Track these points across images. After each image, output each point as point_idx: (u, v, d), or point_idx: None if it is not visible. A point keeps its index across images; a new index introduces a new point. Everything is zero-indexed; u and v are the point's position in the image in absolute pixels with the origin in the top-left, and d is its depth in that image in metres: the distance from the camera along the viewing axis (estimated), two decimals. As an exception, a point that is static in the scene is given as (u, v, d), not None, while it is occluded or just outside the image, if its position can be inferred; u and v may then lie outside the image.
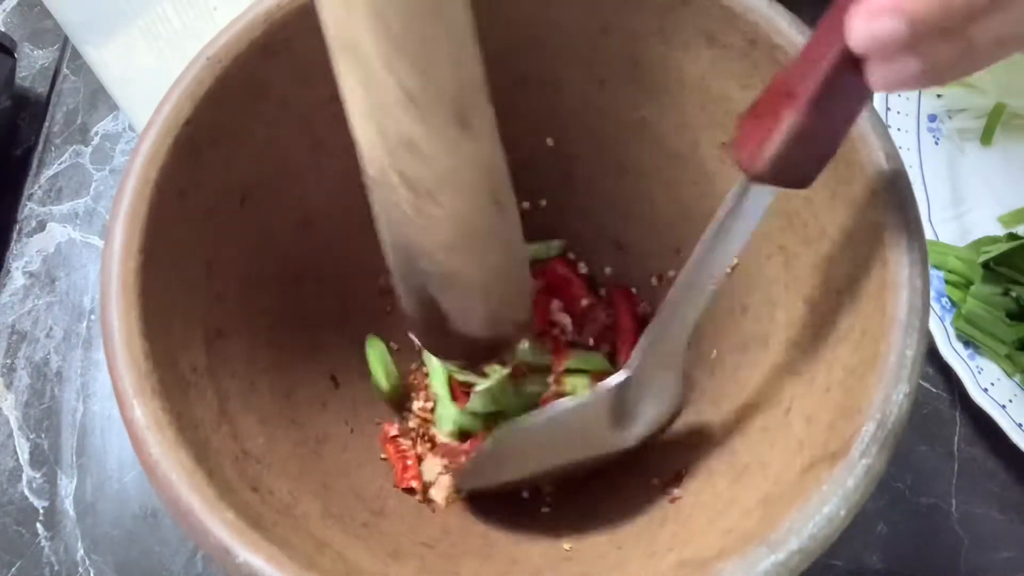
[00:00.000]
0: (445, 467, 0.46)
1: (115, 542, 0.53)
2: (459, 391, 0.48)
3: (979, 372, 0.51)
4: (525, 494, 0.46)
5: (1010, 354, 0.52)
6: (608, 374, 0.40)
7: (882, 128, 0.34)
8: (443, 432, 0.48)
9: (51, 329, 0.60)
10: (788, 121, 0.29)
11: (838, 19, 0.27)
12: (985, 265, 0.53)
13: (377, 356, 0.48)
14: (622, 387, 0.37)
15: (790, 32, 0.36)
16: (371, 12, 0.30)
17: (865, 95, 0.29)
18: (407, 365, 0.50)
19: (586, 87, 0.44)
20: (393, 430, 0.47)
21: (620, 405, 0.38)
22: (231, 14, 0.38)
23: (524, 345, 0.45)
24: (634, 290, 0.51)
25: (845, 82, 0.28)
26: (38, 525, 0.54)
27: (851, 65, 0.27)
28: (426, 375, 0.50)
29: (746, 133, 0.31)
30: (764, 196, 0.32)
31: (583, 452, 0.40)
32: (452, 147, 0.33)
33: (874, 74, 0.27)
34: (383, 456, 0.46)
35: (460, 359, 0.43)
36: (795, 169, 0.31)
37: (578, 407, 0.38)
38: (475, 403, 0.47)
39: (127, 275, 0.33)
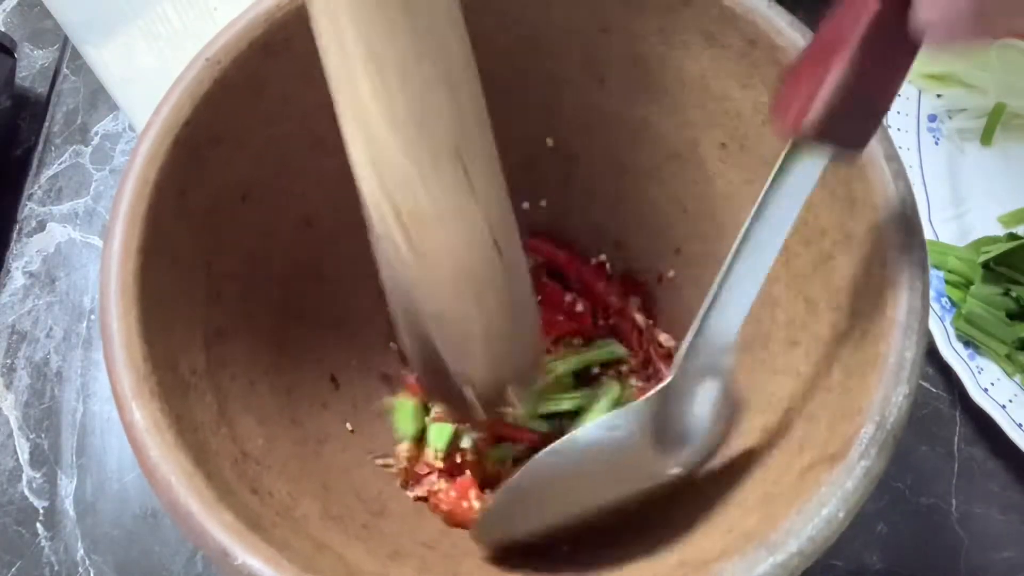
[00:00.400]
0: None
1: (115, 542, 0.53)
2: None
3: (979, 372, 0.51)
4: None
5: (1010, 354, 0.52)
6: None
7: (882, 128, 0.34)
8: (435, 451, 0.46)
9: (51, 329, 0.60)
10: (837, 69, 0.27)
11: None
12: (985, 265, 0.53)
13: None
14: (662, 396, 0.33)
15: (790, 33, 0.36)
16: (367, 58, 0.30)
17: (913, 45, 0.28)
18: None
19: (586, 87, 0.44)
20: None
21: (663, 420, 0.34)
22: (231, 14, 0.38)
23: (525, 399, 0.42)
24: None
25: (893, 28, 0.27)
26: (38, 525, 0.54)
27: (899, 8, 0.26)
28: None
29: (789, 92, 0.29)
30: (815, 162, 0.30)
31: (624, 485, 0.35)
32: (450, 188, 0.33)
33: (924, 10, 0.26)
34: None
35: (458, 406, 0.41)
36: (848, 126, 0.29)
37: (613, 425, 0.34)
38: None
39: (126, 276, 0.33)
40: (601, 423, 0.34)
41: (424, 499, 0.45)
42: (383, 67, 0.30)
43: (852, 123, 0.29)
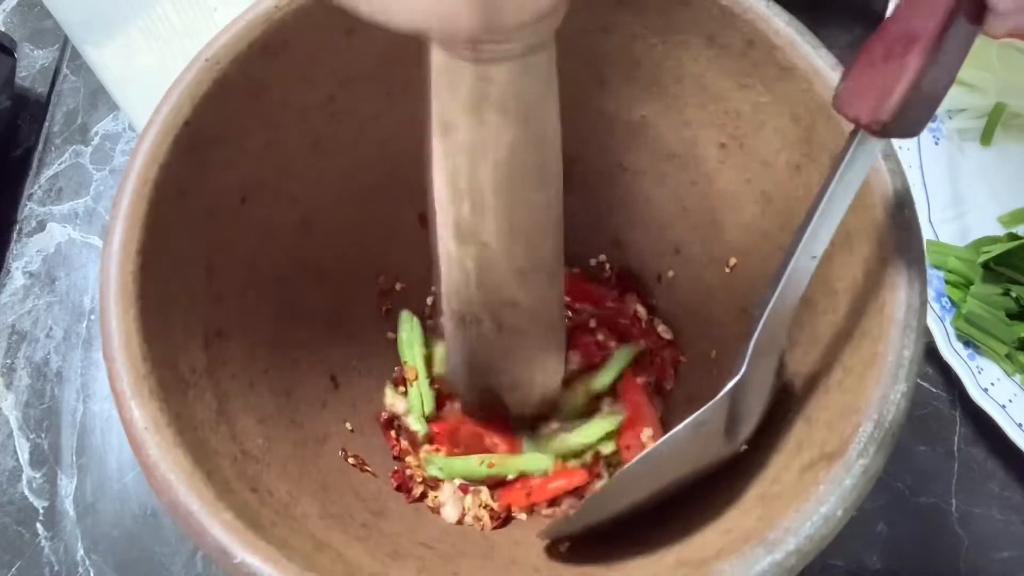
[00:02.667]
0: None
1: (115, 542, 0.53)
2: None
3: (979, 372, 0.51)
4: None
5: (1010, 354, 0.52)
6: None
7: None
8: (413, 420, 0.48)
9: (51, 329, 0.60)
10: (914, 66, 0.28)
11: None
12: (985, 265, 0.53)
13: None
14: (737, 388, 0.35)
15: (788, 32, 0.36)
16: (502, 217, 0.35)
17: (974, 34, 0.28)
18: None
19: (586, 87, 0.44)
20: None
21: (733, 409, 0.35)
22: (231, 14, 0.38)
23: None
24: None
25: (962, 20, 0.27)
26: (38, 525, 0.54)
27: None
28: None
29: (860, 85, 0.29)
30: (873, 152, 0.31)
31: (693, 467, 0.37)
32: (545, 298, 0.40)
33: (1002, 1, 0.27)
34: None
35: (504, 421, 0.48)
36: (912, 118, 0.29)
37: (701, 421, 0.35)
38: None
39: (126, 276, 0.33)
40: (690, 422, 0.35)
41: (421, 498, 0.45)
42: (511, 215, 0.35)
43: (916, 116, 0.30)
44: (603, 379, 0.48)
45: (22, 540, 0.54)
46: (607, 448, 0.46)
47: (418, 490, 0.45)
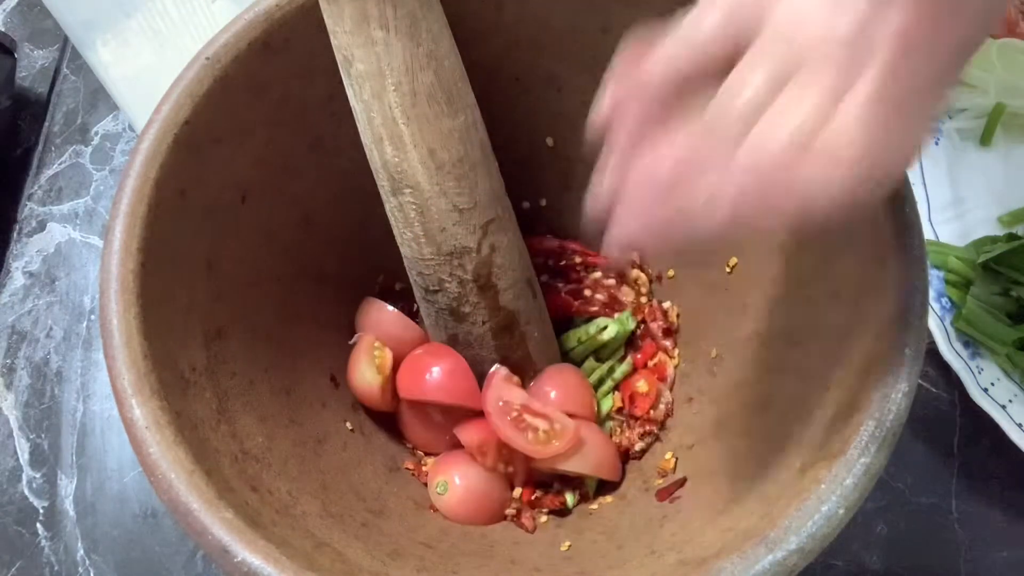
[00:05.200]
0: None
1: (115, 542, 0.53)
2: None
3: (979, 372, 0.51)
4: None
5: (1010, 354, 0.52)
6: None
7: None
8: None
9: (51, 329, 0.60)
10: None
11: None
12: (985, 265, 0.53)
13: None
14: None
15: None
16: (424, 154, 0.37)
17: None
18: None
19: (586, 87, 0.44)
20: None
21: None
22: (229, 6, 0.38)
23: None
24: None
25: None
26: (38, 525, 0.54)
27: None
28: None
29: None
30: None
31: None
32: (497, 244, 0.41)
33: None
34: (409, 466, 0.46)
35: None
36: None
37: None
38: None
39: (126, 275, 0.33)
40: None
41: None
42: (438, 154, 0.38)
43: None
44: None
45: (22, 540, 0.54)
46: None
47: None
